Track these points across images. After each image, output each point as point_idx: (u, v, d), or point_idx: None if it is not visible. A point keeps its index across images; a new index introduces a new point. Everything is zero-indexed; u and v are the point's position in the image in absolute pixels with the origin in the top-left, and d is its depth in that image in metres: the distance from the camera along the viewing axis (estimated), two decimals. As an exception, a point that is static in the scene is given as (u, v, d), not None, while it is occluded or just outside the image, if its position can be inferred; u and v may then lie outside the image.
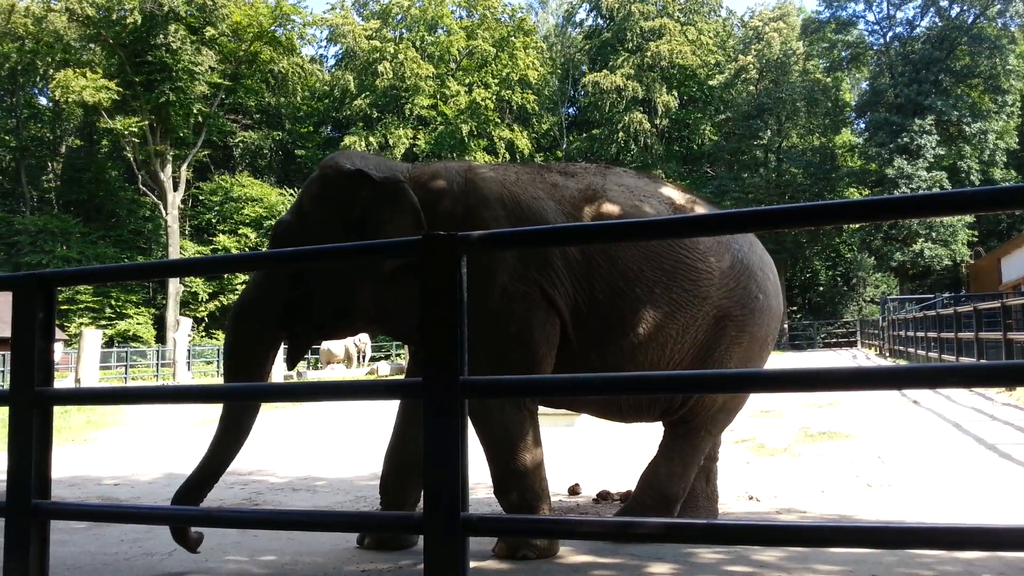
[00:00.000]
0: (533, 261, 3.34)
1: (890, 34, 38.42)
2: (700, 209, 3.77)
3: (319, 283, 3.45)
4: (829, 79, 39.32)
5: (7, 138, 38.00)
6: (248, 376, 3.45)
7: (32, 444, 2.89)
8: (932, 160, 34.17)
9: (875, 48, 39.15)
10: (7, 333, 3.07)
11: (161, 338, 34.41)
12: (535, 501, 3.32)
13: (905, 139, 34.05)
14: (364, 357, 25.27)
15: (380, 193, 3.38)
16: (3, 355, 21.42)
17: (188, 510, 3.21)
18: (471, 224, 3.30)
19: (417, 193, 3.43)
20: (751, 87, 39.78)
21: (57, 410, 3.09)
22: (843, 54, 39.56)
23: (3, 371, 20.89)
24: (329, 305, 3.49)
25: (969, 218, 33.33)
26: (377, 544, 3.62)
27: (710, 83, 42.12)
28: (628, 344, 3.44)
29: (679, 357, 3.54)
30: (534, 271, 3.33)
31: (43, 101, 40.49)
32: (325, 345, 22.81)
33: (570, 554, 3.39)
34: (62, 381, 16.20)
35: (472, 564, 2.55)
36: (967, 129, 35.17)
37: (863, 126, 40.04)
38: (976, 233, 36.18)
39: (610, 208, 3.49)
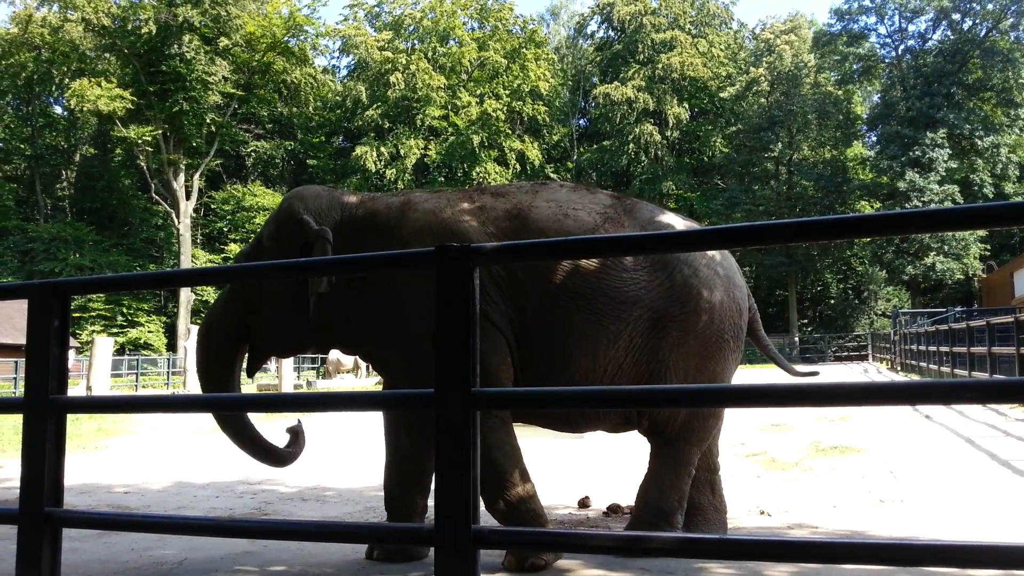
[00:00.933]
0: None
1: (902, 47, 38.41)
2: (639, 215, 3.74)
3: (268, 312, 3.82)
4: (840, 92, 39.28)
5: (22, 146, 38.38)
6: (220, 386, 3.89)
7: (46, 452, 2.91)
8: (944, 174, 34.05)
9: (887, 61, 39.11)
10: (20, 340, 3.09)
11: (172, 346, 34.57)
12: (524, 506, 3.35)
13: (917, 152, 33.95)
14: (371, 368, 25.29)
15: (315, 241, 3.67)
16: (15, 362, 21.55)
17: (199, 519, 3.22)
18: None
19: (362, 228, 3.74)
20: (762, 99, 39.78)
21: (68, 418, 3.11)
22: (855, 67, 39.55)
23: (15, 378, 21.02)
24: (280, 326, 3.85)
25: (981, 232, 33.13)
26: (387, 557, 3.62)
27: (721, 95, 42.14)
28: (559, 354, 3.51)
29: (616, 363, 3.55)
30: None
31: (58, 110, 40.92)
32: (333, 355, 22.92)
33: (580, 567, 3.38)
34: (73, 389, 16.27)
35: (482, 576, 2.54)
36: (979, 142, 35.04)
37: (874, 139, 39.99)
38: (988, 247, 35.98)
39: (533, 224, 3.57)
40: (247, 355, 4.00)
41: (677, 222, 3.84)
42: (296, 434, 3.88)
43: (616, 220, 3.66)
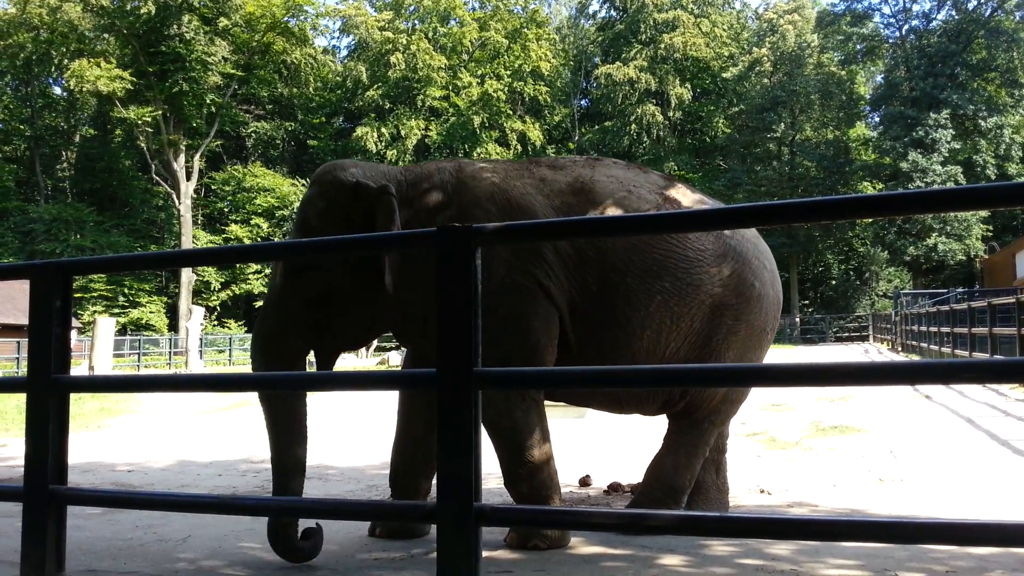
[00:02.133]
0: (527, 255, 3.36)
1: (906, 27, 38.11)
2: (689, 198, 3.76)
3: (344, 302, 3.44)
4: (844, 72, 39.03)
5: (22, 127, 38.27)
6: (289, 401, 3.37)
7: (49, 430, 2.92)
8: (947, 154, 33.89)
9: (890, 41, 38.81)
10: (23, 320, 3.10)
11: (174, 327, 34.65)
12: (544, 491, 3.34)
13: (920, 133, 33.78)
14: (370, 347, 25.34)
15: (378, 202, 3.40)
16: (17, 342, 21.61)
17: (203, 497, 3.24)
18: (464, 222, 3.29)
19: (411, 195, 3.49)
20: (765, 80, 39.56)
21: (71, 397, 3.12)
22: (858, 47, 39.24)
23: (18, 358, 21.09)
24: (354, 325, 3.51)
25: (984, 213, 33.05)
26: (389, 534, 3.65)
27: (724, 76, 41.88)
28: (622, 334, 3.46)
29: (675, 346, 3.55)
30: (529, 264, 3.35)
31: (57, 91, 40.77)
32: None
33: (581, 545, 3.40)
34: (75, 368, 16.30)
35: (484, 554, 2.56)
36: (983, 123, 34.86)
37: (877, 120, 39.79)
38: (991, 228, 35.91)
39: (598, 199, 3.51)
40: (318, 362, 3.55)
41: (719, 206, 3.86)
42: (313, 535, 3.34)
43: (673, 201, 3.66)
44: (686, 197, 3.75)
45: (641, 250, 3.45)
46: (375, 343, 26.53)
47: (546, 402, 3.61)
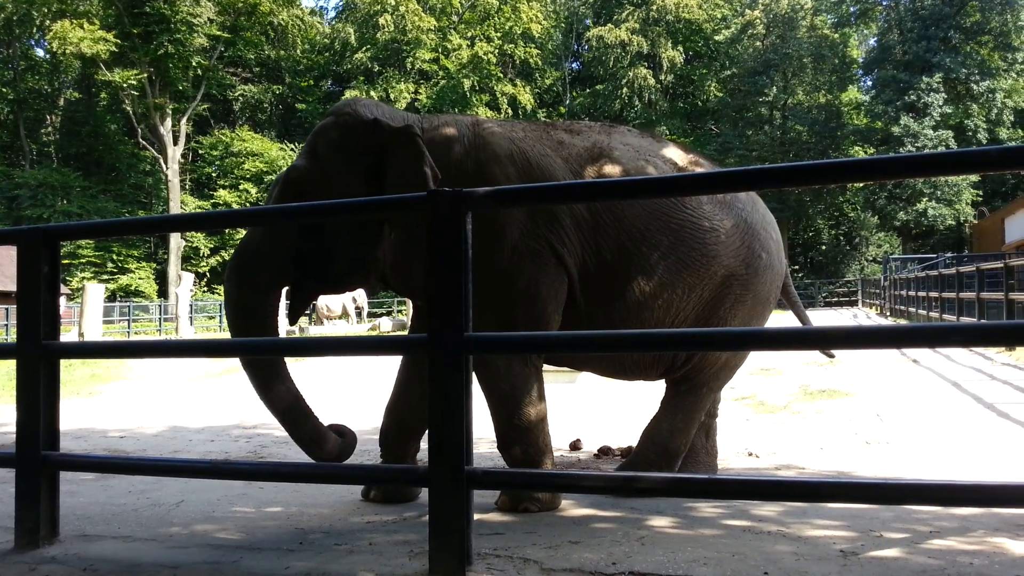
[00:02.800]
0: (543, 218, 3.33)
1: (900, -11, 37.75)
2: (703, 168, 3.75)
3: (336, 235, 3.34)
4: (837, 35, 38.75)
5: (5, 90, 37.68)
6: (263, 329, 3.36)
7: (40, 397, 2.93)
8: (939, 119, 33.81)
9: (884, 4, 38.47)
10: (11, 287, 3.08)
11: (163, 293, 34.54)
12: (538, 455, 3.36)
13: (912, 97, 33.66)
14: (362, 313, 25.34)
15: (395, 143, 3.29)
16: (6, 309, 21.52)
17: (195, 462, 3.26)
18: (481, 179, 3.26)
19: (428, 146, 3.34)
20: (757, 43, 39.22)
21: (61, 364, 3.12)
22: (851, 9, 38.92)
23: (7, 325, 21.01)
24: (346, 257, 3.38)
25: (974, 177, 33.10)
26: (383, 497, 3.68)
27: (716, 38, 41.52)
28: (634, 302, 3.45)
29: (684, 315, 3.55)
30: (544, 228, 3.32)
31: (40, 53, 40.06)
32: (322, 301, 22.07)
33: (571, 507, 3.44)
34: (65, 335, 16.27)
35: (475, 516, 2.59)
36: (975, 87, 34.73)
37: (870, 83, 39.58)
38: (980, 193, 35.96)
39: (615, 166, 3.47)
40: (293, 299, 3.48)
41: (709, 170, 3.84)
42: (342, 434, 3.48)
43: (686, 170, 3.64)
44: (699, 167, 3.73)
45: (659, 219, 3.43)
46: (366, 308, 26.57)
47: (548, 366, 3.63)
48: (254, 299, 3.38)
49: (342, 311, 23.86)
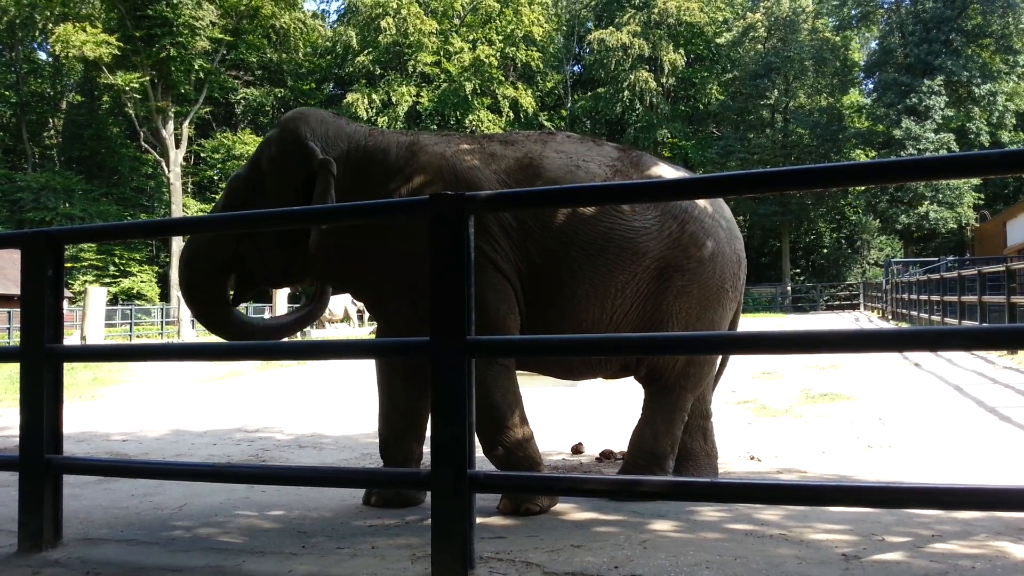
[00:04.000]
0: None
1: (901, -8, 37.80)
2: (645, 167, 3.74)
3: (266, 241, 3.65)
4: (838, 38, 38.78)
5: (7, 93, 37.72)
6: (217, 307, 3.71)
7: (43, 400, 2.93)
8: (940, 122, 33.84)
9: (885, 6, 38.55)
10: (14, 290, 3.09)
11: (165, 296, 34.56)
12: (522, 452, 3.39)
13: (913, 100, 33.68)
14: (364, 316, 25.37)
15: (318, 171, 3.50)
16: (8, 312, 21.53)
17: (198, 465, 3.26)
18: (409, 196, 3.43)
19: (368, 164, 3.59)
20: (759, 45, 39.27)
21: (64, 367, 3.12)
22: (853, 12, 38.98)
23: (9, 328, 21.03)
24: (278, 263, 3.69)
25: (975, 181, 33.09)
26: (384, 502, 3.68)
27: (717, 41, 41.57)
28: (568, 306, 3.52)
29: (622, 312, 3.59)
30: (476, 238, 3.37)
31: (43, 56, 40.13)
32: None
33: (573, 511, 3.45)
34: (68, 339, 16.30)
35: (477, 520, 2.60)
36: (976, 90, 34.75)
37: (871, 86, 39.60)
38: (982, 196, 35.96)
39: (544, 174, 3.54)
40: (235, 284, 3.82)
41: (680, 175, 3.84)
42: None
43: (624, 172, 3.66)
44: (643, 169, 3.73)
45: (587, 223, 3.49)
46: (367, 312, 26.60)
47: (524, 372, 3.67)
48: (200, 293, 3.75)
49: (344, 314, 23.90)
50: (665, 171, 3.81)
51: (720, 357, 4.16)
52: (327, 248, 3.54)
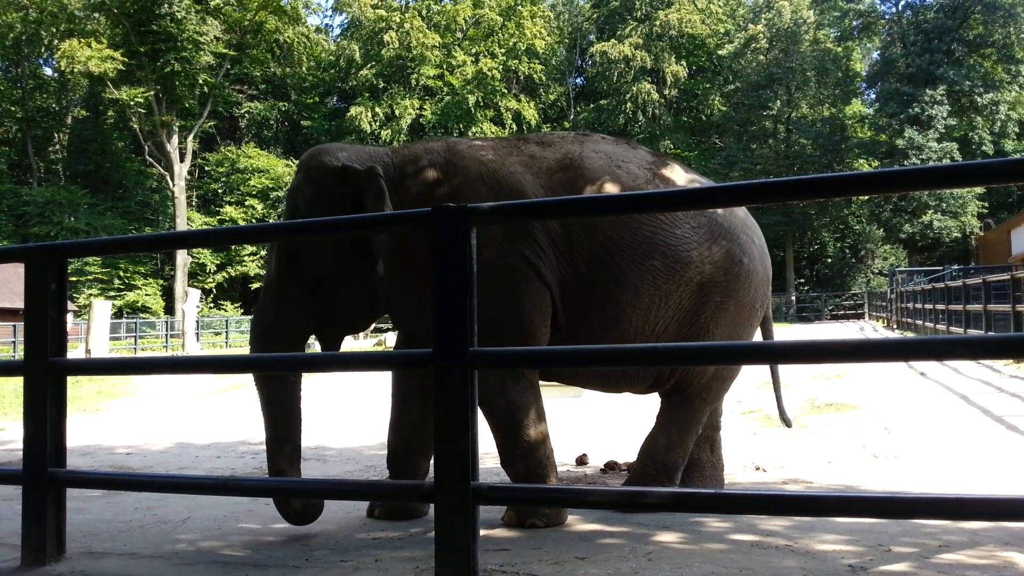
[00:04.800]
0: (517, 235, 3.35)
1: (902, 2, 37.94)
2: (680, 175, 3.75)
3: (339, 287, 3.48)
4: (840, 49, 38.84)
5: (13, 109, 37.93)
6: (284, 385, 3.43)
7: (47, 413, 2.93)
8: (943, 131, 33.84)
9: (887, 17, 38.61)
10: (18, 304, 3.10)
11: (170, 309, 34.59)
12: (541, 470, 3.35)
13: (916, 110, 33.70)
14: (367, 329, 25.40)
15: (366, 184, 3.39)
16: (14, 326, 21.57)
17: (202, 478, 3.26)
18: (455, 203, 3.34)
19: (399, 177, 3.48)
20: (761, 57, 39.35)
21: (68, 381, 3.13)
22: (854, 23, 39.03)
23: (14, 342, 21.07)
24: (355, 304, 3.55)
25: (979, 190, 33.04)
26: (388, 514, 3.66)
27: (719, 53, 41.67)
28: (611, 313, 3.47)
29: (663, 324, 3.56)
30: (519, 244, 3.34)
31: (48, 71, 40.39)
32: None
33: (578, 523, 3.43)
34: (72, 352, 16.33)
35: (481, 532, 2.58)
36: (979, 99, 34.76)
37: (873, 97, 39.65)
38: (986, 205, 35.92)
39: (587, 176, 3.49)
40: (322, 347, 3.63)
41: (708, 183, 3.85)
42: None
43: (663, 177, 3.65)
44: (676, 174, 3.74)
45: (631, 228, 3.44)
46: (372, 324, 26.63)
47: (541, 382, 3.63)
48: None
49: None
50: (696, 180, 3.83)
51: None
52: (392, 282, 3.42)
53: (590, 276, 3.43)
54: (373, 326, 26.63)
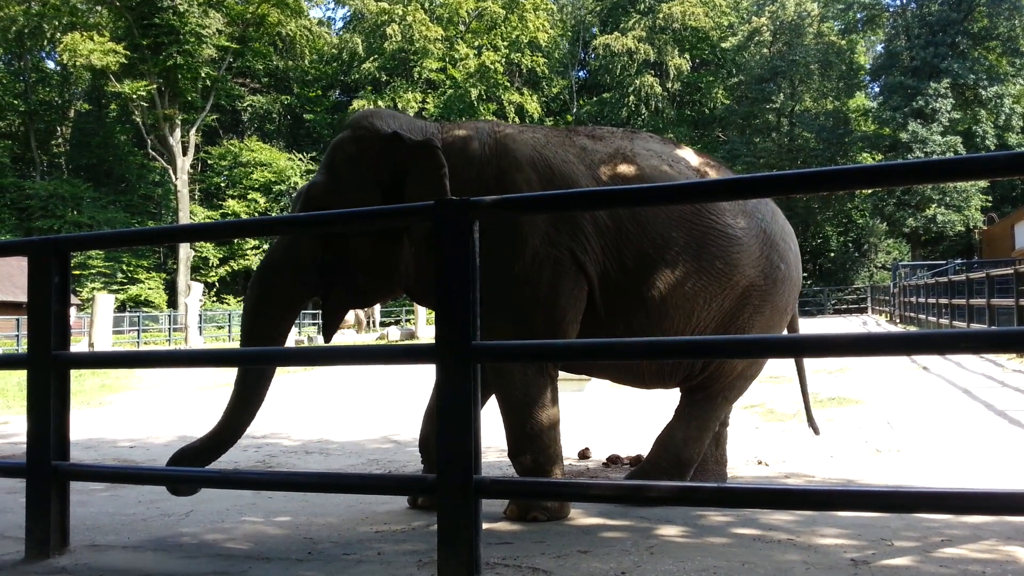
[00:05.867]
0: (564, 226, 3.30)
1: (907, -5, 37.74)
2: (715, 174, 3.75)
3: (361, 246, 3.37)
4: (844, 42, 38.72)
5: (16, 102, 37.97)
6: (269, 338, 3.38)
7: (50, 407, 2.94)
8: (947, 124, 33.74)
9: (891, 10, 38.47)
10: (21, 297, 3.10)
11: (172, 303, 34.68)
12: (548, 464, 3.35)
13: (920, 103, 33.60)
14: (374, 323, 25.40)
15: (415, 156, 3.30)
16: (17, 319, 21.62)
17: (204, 472, 3.26)
18: (502, 187, 3.28)
19: (447, 155, 3.33)
20: (764, 50, 39.24)
21: (71, 374, 3.13)
22: (858, 16, 38.90)
23: (17, 335, 21.12)
24: (371, 270, 3.42)
25: (983, 184, 32.97)
26: (431, 502, 3.64)
27: (723, 46, 41.55)
28: (655, 311, 3.41)
29: (704, 324, 3.52)
30: (566, 236, 3.30)
31: (51, 65, 40.41)
32: None
33: (580, 516, 3.43)
34: (75, 345, 16.33)
35: (484, 525, 2.59)
36: (983, 93, 34.64)
37: (877, 90, 39.52)
38: (990, 199, 35.81)
39: (639, 172, 3.44)
40: (324, 313, 3.57)
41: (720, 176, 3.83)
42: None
43: (707, 176, 3.64)
44: (719, 173, 3.74)
45: (682, 226, 3.39)
46: (378, 318, 26.61)
47: (572, 375, 3.59)
48: (269, 308, 3.42)
49: (355, 320, 23.97)
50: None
51: None
52: (420, 262, 3.34)
53: (637, 272, 3.37)
54: (379, 320, 26.69)
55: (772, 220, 3.73)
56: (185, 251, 34.95)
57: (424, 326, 20.39)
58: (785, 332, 3.97)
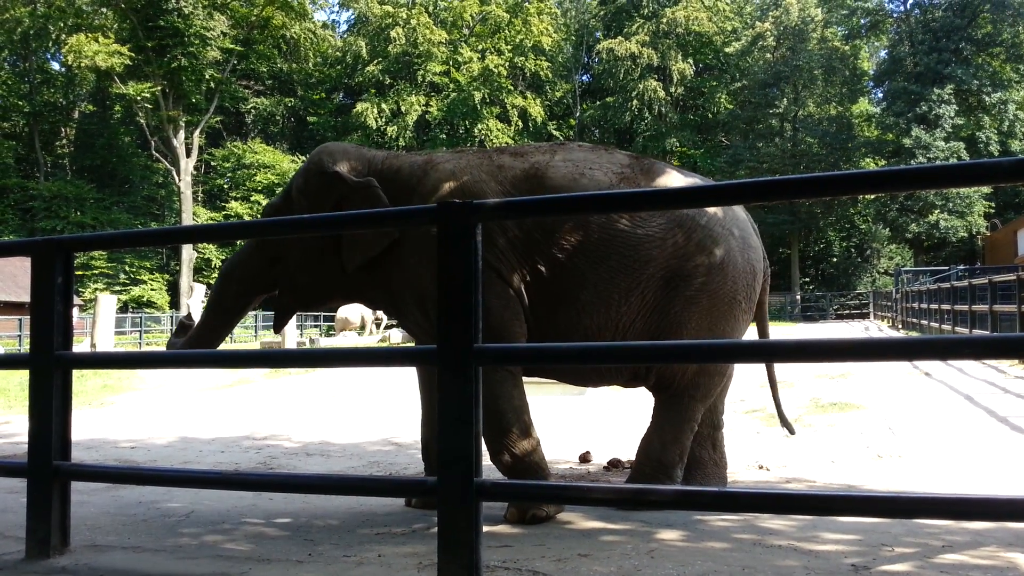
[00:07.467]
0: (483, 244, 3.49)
1: (911, 1, 37.73)
2: (657, 174, 3.74)
3: (296, 264, 3.87)
4: (847, 47, 38.72)
5: (20, 103, 38.05)
6: (223, 325, 4.03)
7: (52, 407, 2.94)
8: (950, 130, 33.72)
9: (895, 15, 38.48)
10: (24, 297, 3.11)
11: (175, 304, 34.71)
12: (528, 459, 3.44)
13: (923, 108, 33.59)
14: (379, 325, 25.41)
15: (355, 195, 3.71)
16: (19, 319, 21.65)
17: (206, 472, 3.26)
18: None
19: (382, 184, 3.75)
20: (768, 55, 39.23)
21: (73, 374, 3.14)
22: (862, 21, 38.92)
23: (20, 335, 21.14)
24: (305, 283, 3.94)
25: (986, 189, 32.92)
26: (423, 503, 3.73)
27: (726, 50, 41.55)
28: (574, 313, 3.59)
29: (628, 319, 3.61)
30: (486, 253, 3.42)
31: (55, 66, 40.51)
32: (341, 313, 23.30)
33: (581, 520, 3.43)
34: (78, 346, 16.34)
35: (484, 528, 2.59)
36: (987, 99, 34.64)
37: (881, 95, 39.52)
38: (993, 205, 35.78)
39: (549, 183, 3.60)
40: (276, 311, 4.09)
41: (694, 182, 3.82)
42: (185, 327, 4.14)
43: (632, 179, 3.66)
44: (650, 176, 3.72)
45: (588, 232, 3.54)
46: (384, 320, 26.58)
47: (535, 379, 3.71)
48: (226, 301, 4.04)
49: (360, 322, 24.03)
50: (676, 179, 3.78)
51: (732, 369, 4.13)
52: (360, 268, 3.75)
53: (551, 277, 3.57)
54: (385, 322, 26.68)
55: (711, 210, 3.70)
56: (188, 252, 34.99)
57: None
58: (748, 323, 3.94)
